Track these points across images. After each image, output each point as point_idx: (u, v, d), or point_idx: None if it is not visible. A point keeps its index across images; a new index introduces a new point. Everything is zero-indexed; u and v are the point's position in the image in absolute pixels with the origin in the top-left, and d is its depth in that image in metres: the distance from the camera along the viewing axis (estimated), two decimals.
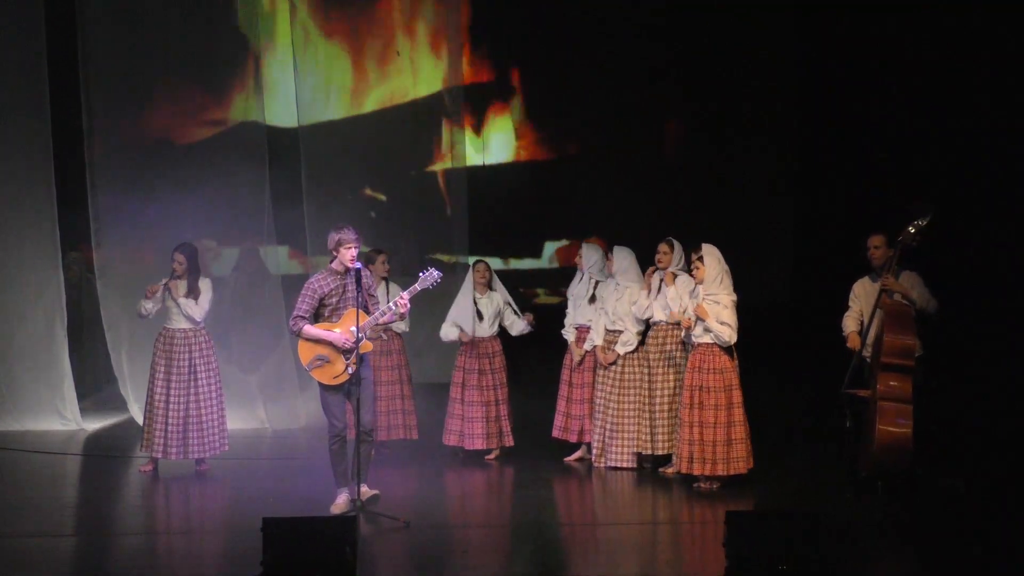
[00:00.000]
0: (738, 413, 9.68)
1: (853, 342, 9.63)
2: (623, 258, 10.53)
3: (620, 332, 10.47)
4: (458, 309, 11.05)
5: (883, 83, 12.84)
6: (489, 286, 11.10)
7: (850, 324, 9.72)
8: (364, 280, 8.98)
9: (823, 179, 13.22)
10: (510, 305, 11.06)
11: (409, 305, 9.07)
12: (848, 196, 12.91)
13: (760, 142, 13.44)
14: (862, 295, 9.74)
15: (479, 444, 10.95)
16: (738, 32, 13.46)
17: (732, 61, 13.51)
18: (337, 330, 8.97)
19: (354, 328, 8.87)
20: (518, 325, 11.04)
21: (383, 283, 11.01)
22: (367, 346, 8.97)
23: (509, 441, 11.04)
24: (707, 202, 13.33)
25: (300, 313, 9.04)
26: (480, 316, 10.97)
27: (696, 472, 9.72)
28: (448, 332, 11.05)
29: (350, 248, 8.94)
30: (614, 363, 10.49)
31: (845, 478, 9.60)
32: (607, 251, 10.72)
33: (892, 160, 12.71)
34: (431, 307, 11.63)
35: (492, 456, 11.00)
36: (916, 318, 9.31)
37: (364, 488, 8.95)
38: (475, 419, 10.94)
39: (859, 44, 12.94)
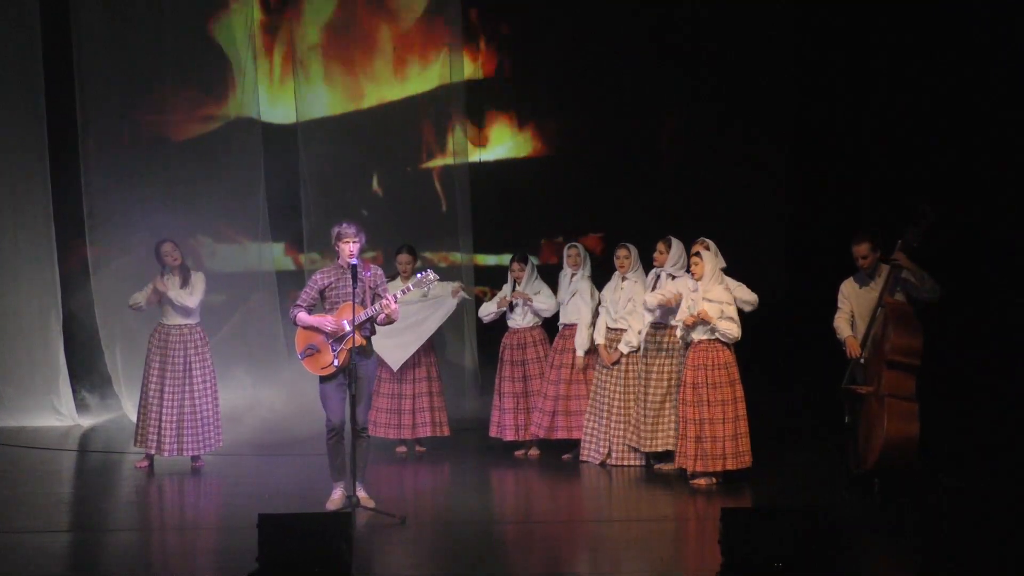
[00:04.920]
0: (742, 407, 9.67)
1: (853, 349, 9.40)
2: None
3: (623, 331, 10.43)
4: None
5: (880, 80, 12.82)
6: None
7: (844, 328, 9.50)
8: (369, 276, 8.97)
9: (819, 176, 13.20)
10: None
11: (396, 305, 8.97)
12: (844, 193, 12.89)
13: (757, 140, 13.41)
14: (851, 295, 9.59)
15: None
16: (736, 29, 13.44)
17: (730, 58, 13.49)
18: (329, 317, 8.98)
19: (345, 320, 8.87)
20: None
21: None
22: (357, 340, 8.92)
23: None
24: (704, 199, 13.30)
25: (298, 302, 9.10)
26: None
27: (699, 469, 9.68)
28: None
29: (348, 243, 8.93)
30: (617, 362, 10.45)
31: (842, 475, 9.60)
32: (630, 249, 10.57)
33: (888, 158, 12.70)
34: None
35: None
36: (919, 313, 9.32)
37: (363, 494, 8.95)
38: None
39: (856, 41, 12.93)
